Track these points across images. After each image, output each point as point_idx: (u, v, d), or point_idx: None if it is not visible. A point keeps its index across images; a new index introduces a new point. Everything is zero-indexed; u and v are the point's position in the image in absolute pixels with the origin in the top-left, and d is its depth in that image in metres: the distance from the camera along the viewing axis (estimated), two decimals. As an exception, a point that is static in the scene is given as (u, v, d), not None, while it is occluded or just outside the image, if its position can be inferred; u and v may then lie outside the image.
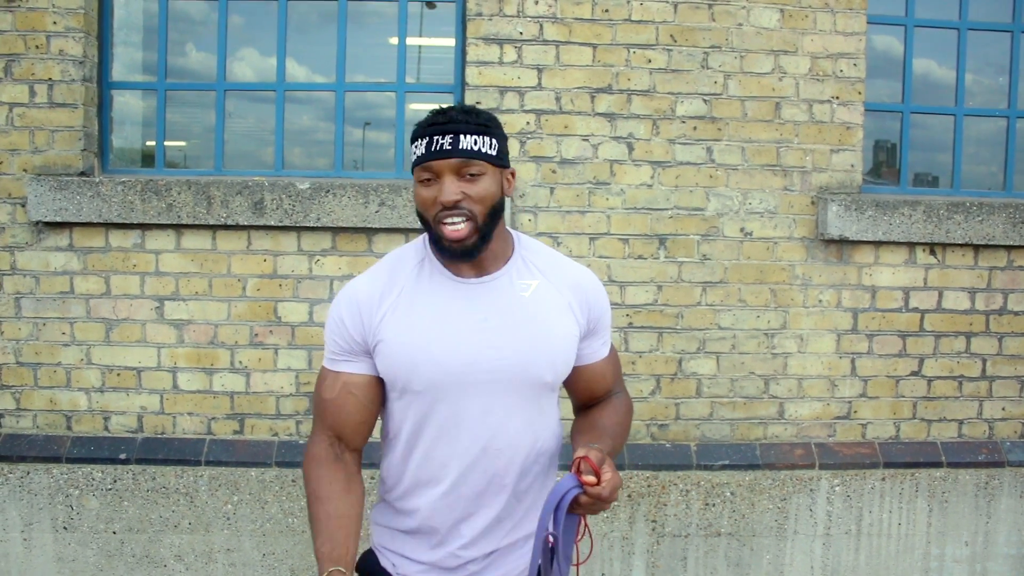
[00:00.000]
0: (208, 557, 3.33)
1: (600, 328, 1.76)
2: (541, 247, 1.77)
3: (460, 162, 1.57)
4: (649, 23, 3.37)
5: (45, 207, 3.24)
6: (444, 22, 3.55)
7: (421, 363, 1.61)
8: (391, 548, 1.74)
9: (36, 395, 3.35)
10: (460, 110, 1.61)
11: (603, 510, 1.54)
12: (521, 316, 1.65)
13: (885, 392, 3.52)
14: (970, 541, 3.53)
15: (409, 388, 1.63)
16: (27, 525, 3.31)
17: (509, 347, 1.62)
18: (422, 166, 1.59)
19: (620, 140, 3.39)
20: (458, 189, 1.57)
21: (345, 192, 3.28)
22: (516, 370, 1.63)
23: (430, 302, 1.65)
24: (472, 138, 1.58)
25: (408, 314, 1.64)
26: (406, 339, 1.62)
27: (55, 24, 3.27)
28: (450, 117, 1.60)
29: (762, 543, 3.45)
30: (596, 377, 1.79)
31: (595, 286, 1.76)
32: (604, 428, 1.72)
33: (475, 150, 1.58)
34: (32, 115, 3.29)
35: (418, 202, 1.62)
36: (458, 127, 1.58)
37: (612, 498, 1.50)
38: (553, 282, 1.70)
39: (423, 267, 1.69)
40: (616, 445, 1.70)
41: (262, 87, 3.57)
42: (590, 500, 1.50)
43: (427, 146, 1.58)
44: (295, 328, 3.36)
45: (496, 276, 1.67)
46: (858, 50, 3.44)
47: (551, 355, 1.66)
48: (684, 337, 3.44)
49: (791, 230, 3.45)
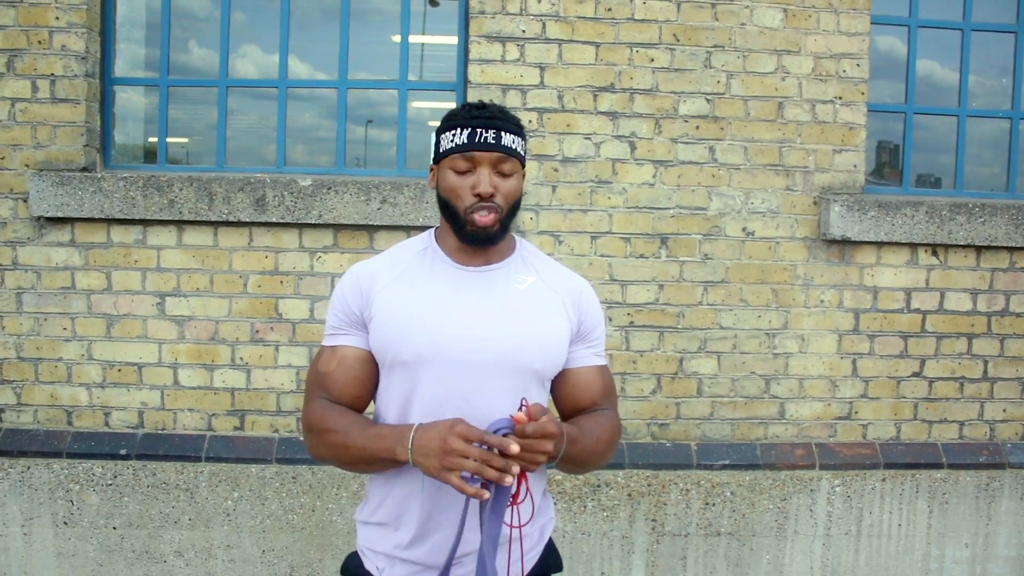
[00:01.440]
0: (208, 553, 3.33)
1: (590, 336, 1.78)
2: (542, 254, 1.83)
3: (500, 157, 1.64)
4: (652, 22, 3.37)
5: (47, 202, 3.24)
6: (447, 20, 3.55)
7: (411, 331, 1.63)
8: (376, 549, 1.72)
9: (37, 390, 3.35)
10: (499, 108, 1.69)
11: (535, 461, 1.48)
12: (515, 304, 1.69)
13: (886, 393, 3.52)
14: (970, 543, 3.53)
15: (398, 359, 1.64)
16: (27, 520, 3.31)
17: (500, 330, 1.65)
18: (464, 155, 1.64)
19: (622, 139, 3.39)
20: (494, 182, 1.63)
21: (347, 189, 3.28)
22: (505, 353, 1.64)
23: (428, 283, 1.69)
24: (512, 137, 1.66)
25: (405, 291, 1.69)
26: (400, 310, 1.66)
27: (58, 19, 3.27)
28: (493, 113, 1.66)
29: (762, 543, 3.45)
30: (581, 384, 1.77)
31: (590, 295, 1.79)
32: (579, 423, 1.69)
33: (514, 149, 1.66)
34: (34, 110, 3.29)
35: (446, 188, 1.66)
36: (501, 124, 1.65)
37: (540, 447, 1.46)
38: (548, 281, 1.75)
39: (426, 254, 1.74)
40: (584, 441, 1.65)
41: (264, 84, 3.57)
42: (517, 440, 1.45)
43: (470, 136, 1.63)
44: (296, 325, 3.36)
45: (495, 267, 1.72)
46: (861, 50, 3.43)
47: (541, 343, 1.68)
48: (685, 336, 3.44)
49: (793, 230, 3.45)
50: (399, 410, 1.67)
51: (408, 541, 1.67)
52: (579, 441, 1.64)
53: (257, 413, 3.38)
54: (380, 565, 1.71)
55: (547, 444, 1.48)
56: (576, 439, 1.63)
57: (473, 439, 1.45)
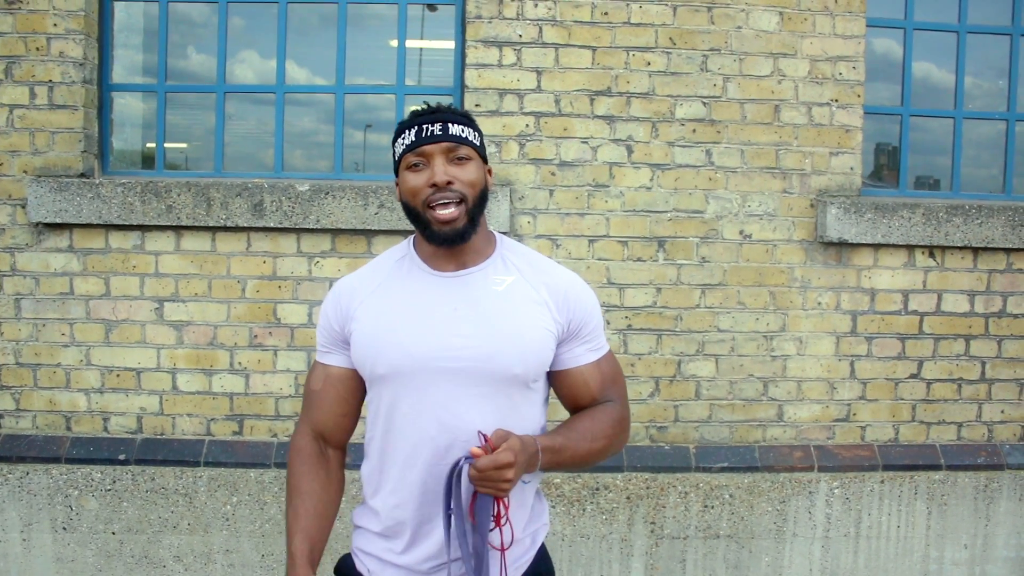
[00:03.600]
0: (207, 558, 3.33)
1: (583, 333, 1.72)
2: (525, 249, 1.78)
3: (450, 145, 1.61)
4: (648, 26, 3.38)
5: (45, 208, 3.25)
6: (444, 24, 3.56)
7: (386, 346, 1.63)
8: (367, 551, 1.73)
9: (36, 396, 3.36)
10: (445, 105, 1.69)
11: (500, 489, 1.49)
12: (492, 308, 1.65)
13: (884, 394, 3.52)
14: (969, 544, 3.53)
15: (375, 373, 1.65)
16: (26, 525, 3.31)
17: (476, 336, 1.62)
18: (414, 151, 1.62)
19: (619, 142, 3.40)
20: (450, 171, 1.60)
21: (345, 194, 3.29)
22: (483, 360, 1.60)
23: (403, 293, 1.68)
24: (460, 127, 1.64)
25: (381, 303, 1.68)
26: (375, 324, 1.66)
27: (56, 26, 3.27)
28: (436, 108, 1.67)
29: (761, 545, 3.45)
30: (578, 383, 1.73)
31: (578, 291, 1.73)
32: (568, 428, 1.68)
33: (463, 136, 1.64)
34: (32, 117, 3.30)
35: (405, 192, 1.64)
36: (445, 116, 1.64)
37: (499, 476, 1.46)
38: (529, 280, 1.70)
39: (403, 263, 1.73)
40: (571, 445, 1.64)
41: (262, 89, 3.58)
42: (475, 472, 1.47)
43: (416, 133, 1.63)
44: (294, 329, 3.36)
45: (472, 271, 1.68)
46: (857, 53, 3.44)
47: (520, 347, 1.63)
48: (683, 339, 3.44)
49: (790, 232, 3.45)
50: (384, 423, 1.67)
51: (402, 548, 1.68)
52: (566, 449, 1.62)
53: (256, 418, 3.38)
54: (372, 568, 1.71)
55: (506, 473, 1.47)
56: (561, 448, 1.61)
57: None
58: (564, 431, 1.66)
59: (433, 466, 1.61)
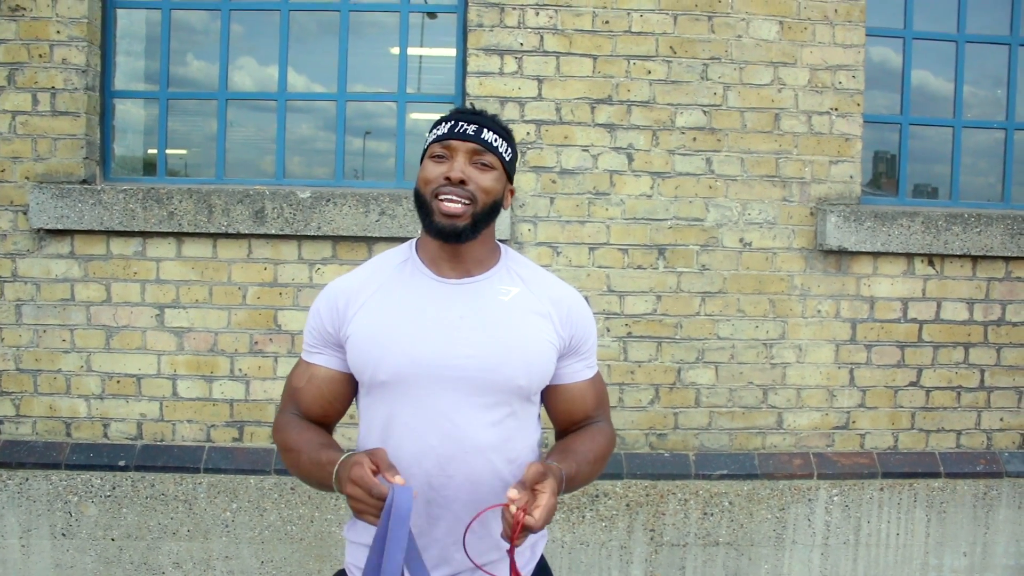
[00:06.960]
0: (206, 564, 3.33)
1: (583, 349, 1.72)
2: (529, 262, 1.77)
3: (478, 148, 1.62)
4: (649, 35, 3.39)
5: (47, 214, 3.26)
6: (445, 32, 3.57)
7: (389, 351, 1.59)
8: (361, 566, 1.64)
9: (36, 402, 3.36)
10: (489, 114, 1.69)
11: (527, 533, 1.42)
12: (498, 318, 1.63)
13: (883, 402, 3.53)
14: (968, 551, 3.54)
15: (376, 379, 1.60)
16: (25, 532, 3.31)
17: (482, 345, 1.59)
18: (441, 143, 1.63)
19: (620, 151, 3.41)
20: (468, 171, 1.60)
21: (346, 201, 3.30)
22: (488, 369, 1.58)
23: (406, 298, 1.64)
24: (493, 135, 1.64)
25: (382, 307, 1.64)
26: (376, 329, 1.61)
27: (58, 33, 3.29)
28: (479, 112, 1.68)
29: (760, 553, 3.45)
30: (575, 399, 1.73)
31: (580, 306, 1.73)
32: (575, 452, 1.65)
33: (494, 145, 1.64)
34: (35, 123, 3.31)
35: (421, 178, 1.63)
36: (483, 120, 1.65)
37: (537, 526, 1.40)
38: (534, 292, 1.69)
39: (405, 266, 1.69)
40: (583, 470, 1.62)
41: (263, 96, 3.59)
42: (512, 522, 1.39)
43: (451, 128, 1.63)
44: (295, 336, 3.36)
45: (477, 279, 1.66)
46: (857, 62, 3.46)
47: (525, 358, 1.62)
48: (683, 347, 3.45)
49: (790, 241, 3.46)
50: (381, 430, 1.62)
51: None
52: (579, 475, 1.61)
53: (256, 424, 3.38)
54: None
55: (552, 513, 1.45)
56: (576, 475, 1.60)
57: (363, 487, 1.39)
58: (571, 456, 1.63)
59: (433, 478, 1.59)
